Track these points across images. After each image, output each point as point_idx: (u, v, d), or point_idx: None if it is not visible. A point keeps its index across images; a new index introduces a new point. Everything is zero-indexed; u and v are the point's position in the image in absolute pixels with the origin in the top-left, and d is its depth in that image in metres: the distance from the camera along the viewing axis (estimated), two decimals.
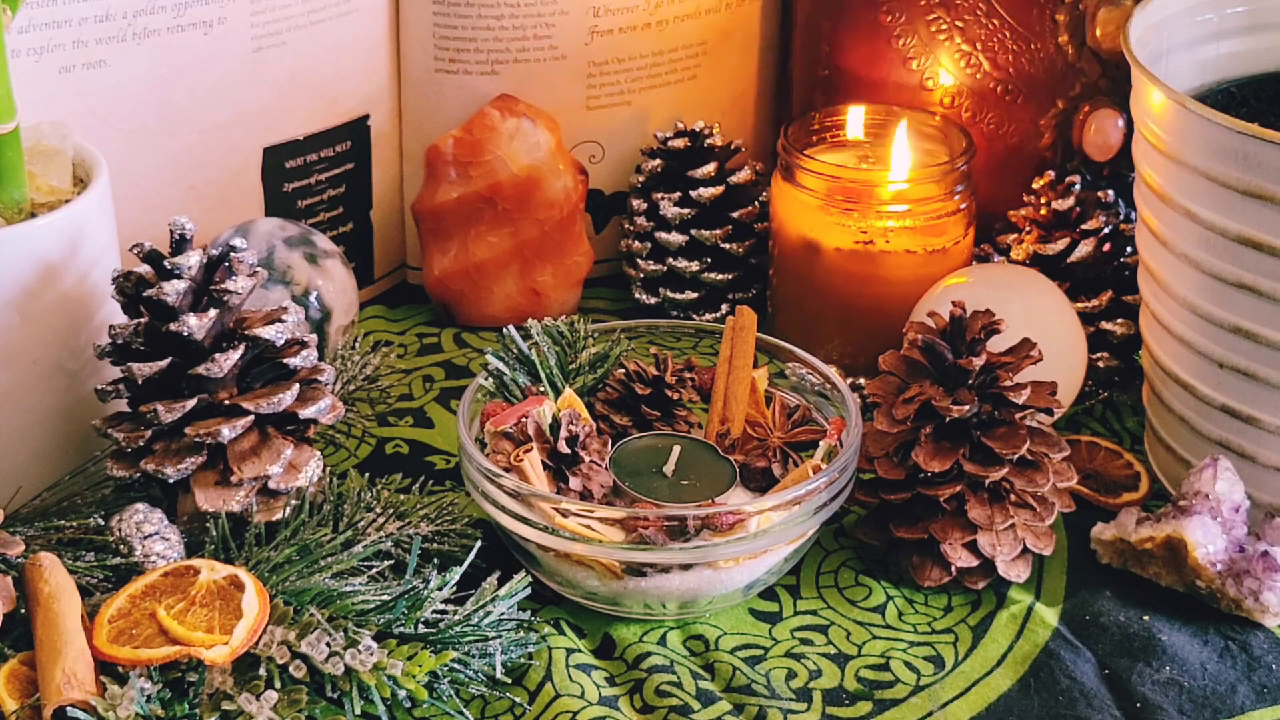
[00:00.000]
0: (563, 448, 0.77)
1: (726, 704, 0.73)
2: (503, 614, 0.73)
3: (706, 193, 1.01)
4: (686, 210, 1.01)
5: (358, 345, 0.92)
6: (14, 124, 0.76)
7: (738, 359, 0.84)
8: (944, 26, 0.99)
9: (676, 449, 0.81)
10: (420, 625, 0.70)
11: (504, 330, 0.86)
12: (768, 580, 0.79)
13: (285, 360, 0.78)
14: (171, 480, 0.75)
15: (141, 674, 0.66)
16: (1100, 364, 0.94)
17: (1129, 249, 0.94)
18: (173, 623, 0.67)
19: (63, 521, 0.77)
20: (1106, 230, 0.94)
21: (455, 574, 0.72)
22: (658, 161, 1.03)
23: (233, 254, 0.77)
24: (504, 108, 1.00)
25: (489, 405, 0.82)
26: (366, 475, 0.84)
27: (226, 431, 0.75)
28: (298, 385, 0.77)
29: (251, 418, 0.76)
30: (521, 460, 0.76)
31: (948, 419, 0.79)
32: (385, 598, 0.70)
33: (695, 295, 1.02)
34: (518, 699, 0.73)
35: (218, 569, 0.70)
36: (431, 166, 1.01)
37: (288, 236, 0.91)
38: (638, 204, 1.03)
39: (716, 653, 0.76)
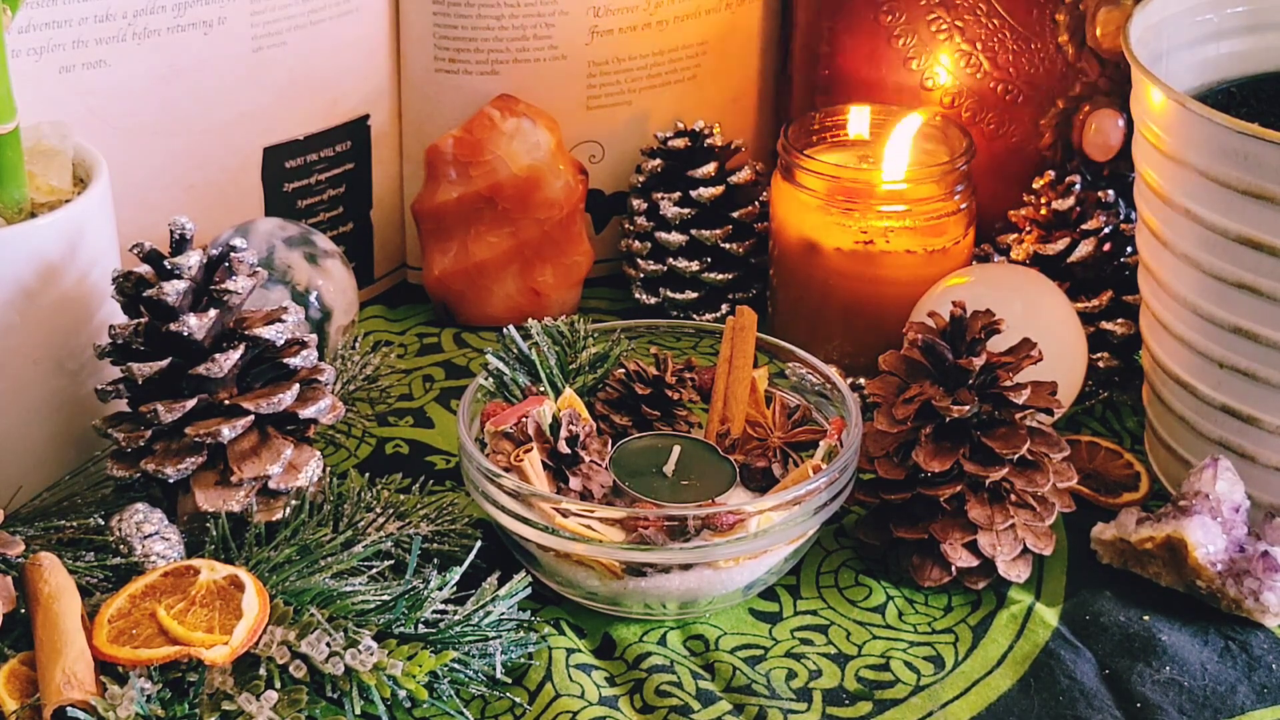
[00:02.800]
0: (563, 448, 0.77)
1: (726, 704, 0.73)
2: (503, 614, 0.72)
3: (707, 193, 1.01)
4: (687, 210, 1.01)
5: (358, 345, 0.92)
6: (14, 124, 0.76)
7: (738, 359, 0.84)
8: (944, 26, 0.99)
9: (676, 449, 0.81)
10: (420, 625, 0.70)
11: (504, 330, 0.86)
12: (768, 580, 0.79)
13: (285, 360, 0.78)
14: (171, 480, 0.75)
15: (141, 674, 0.66)
16: (1100, 364, 0.94)
17: (1129, 249, 0.94)
18: (173, 623, 0.67)
19: (63, 521, 0.77)
20: (1106, 230, 0.94)
21: (455, 574, 0.72)
22: (658, 161, 1.03)
23: (233, 254, 0.77)
24: (504, 107, 1.00)
25: (489, 405, 0.82)
26: (366, 475, 0.84)
27: (226, 431, 0.75)
28: (298, 385, 0.77)
29: (251, 418, 0.76)
30: (521, 460, 0.76)
31: (948, 419, 0.79)
32: (385, 598, 0.70)
33: (695, 295, 1.02)
34: (518, 699, 0.73)
35: (218, 569, 0.70)
36: (431, 166, 1.01)
37: (288, 236, 0.91)
38: (638, 204, 1.03)
39: (716, 653, 0.76)
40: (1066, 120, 0.99)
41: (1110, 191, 0.96)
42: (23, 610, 0.70)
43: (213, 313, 0.75)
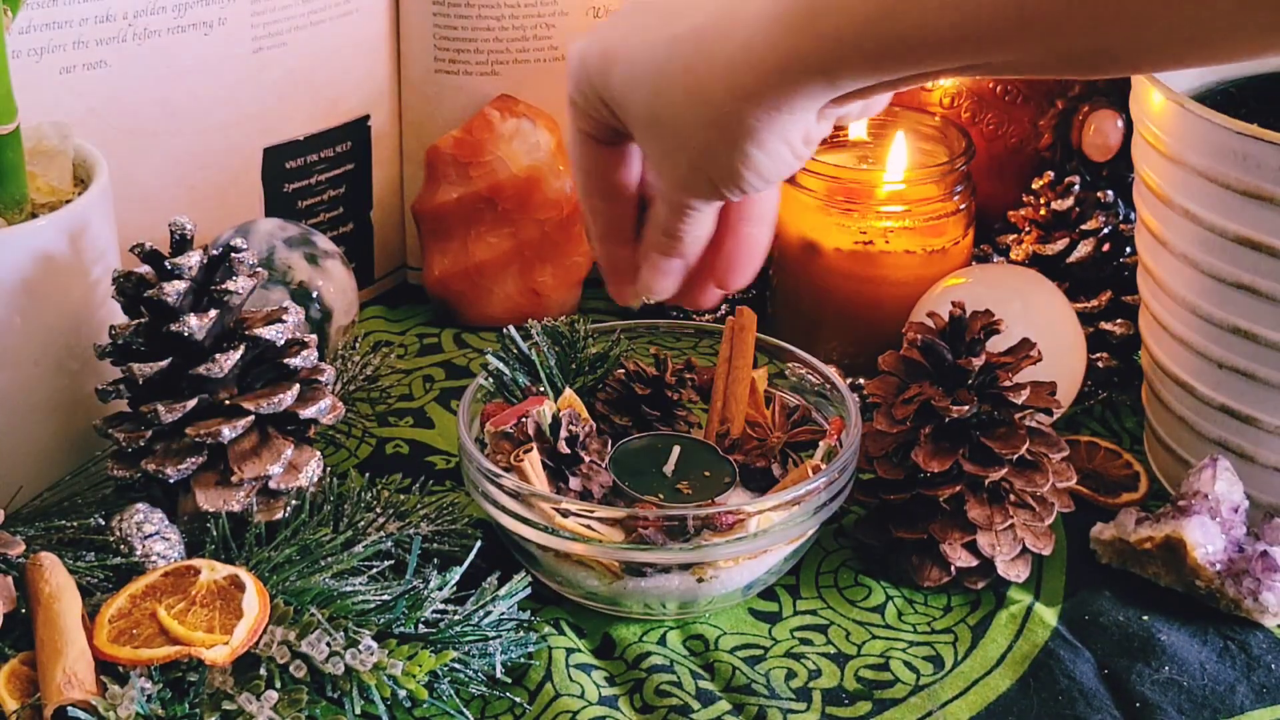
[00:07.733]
0: (563, 448, 0.77)
1: (726, 704, 0.73)
2: (503, 614, 0.73)
3: None
4: None
5: (358, 345, 0.92)
6: (15, 124, 0.76)
7: (737, 359, 0.84)
8: None
9: (676, 449, 0.81)
10: (420, 625, 0.70)
11: (504, 330, 0.87)
12: (768, 580, 0.79)
13: (286, 361, 0.78)
14: (172, 480, 0.75)
15: (142, 674, 0.66)
16: (1100, 364, 0.94)
17: (1129, 249, 0.94)
18: (173, 622, 0.67)
19: (63, 521, 0.77)
20: (1106, 230, 0.94)
21: (455, 574, 0.72)
22: None
23: (233, 254, 0.77)
24: (504, 108, 1.00)
25: (489, 405, 0.83)
26: (366, 475, 0.84)
27: (227, 432, 0.75)
28: (298, 385, 0.77)
29: (252, 418, 0.76)
30: (522, 460, 0.76)
31: (947, 419, 0.79)
32: (385, 598, 0.70)
33: None
34: (518, 699, 0.73)
35: (218, 569, 0.70)
36: (432, 167, 1.01)
37: (288, 237, 0.91)
38: None
39: (716, 653, 0.76)
40: (1066, 121, 0.99)
41: (1109, 192, 0.96)
42: (23, 610, 0.70)
43: (213, 313, 0.75)
